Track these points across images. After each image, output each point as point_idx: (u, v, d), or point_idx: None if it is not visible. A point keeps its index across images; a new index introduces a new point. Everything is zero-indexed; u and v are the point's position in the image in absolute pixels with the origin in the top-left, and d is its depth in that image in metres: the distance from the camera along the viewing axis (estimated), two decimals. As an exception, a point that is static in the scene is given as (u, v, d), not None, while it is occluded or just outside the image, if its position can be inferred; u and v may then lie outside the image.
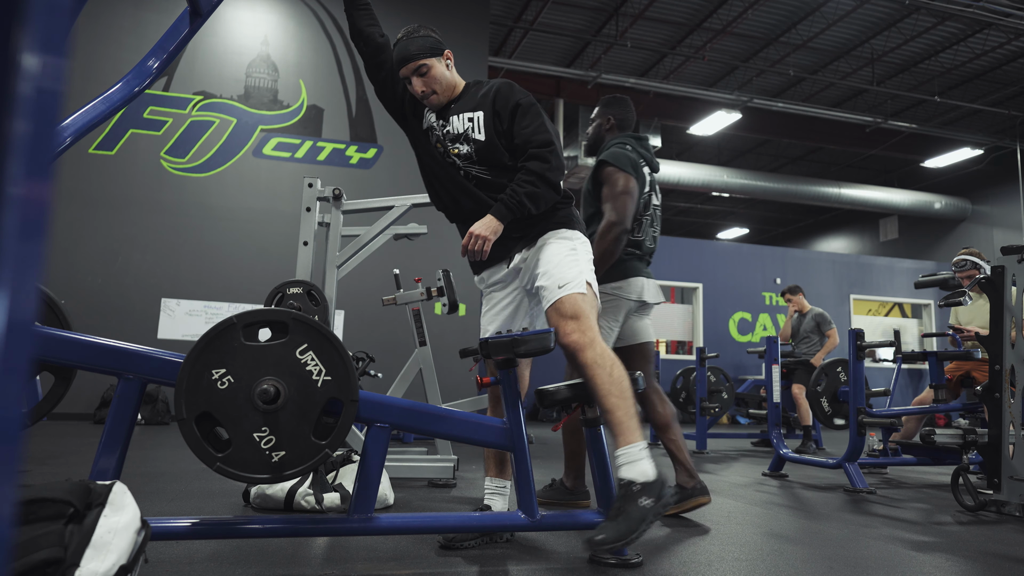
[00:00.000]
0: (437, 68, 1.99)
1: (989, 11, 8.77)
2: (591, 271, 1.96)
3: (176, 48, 1.64)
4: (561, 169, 1.95)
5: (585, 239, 2.03)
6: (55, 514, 1.06)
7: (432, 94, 2.00)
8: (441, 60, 2.01)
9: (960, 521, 2.68)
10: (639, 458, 1.68)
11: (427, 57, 1.97)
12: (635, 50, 10.30)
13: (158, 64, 1.62)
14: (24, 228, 0.34)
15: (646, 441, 1.74)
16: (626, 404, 1.71)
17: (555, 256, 1.92)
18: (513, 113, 1.97)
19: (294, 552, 1.88)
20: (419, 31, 2.01)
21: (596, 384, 1.72)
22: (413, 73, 1.99)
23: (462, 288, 6.63)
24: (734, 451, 5.50)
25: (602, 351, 1.77)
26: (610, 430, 1.74)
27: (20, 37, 0.33)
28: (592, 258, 2.03)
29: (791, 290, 6.21)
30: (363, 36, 2.12)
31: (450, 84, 2.04)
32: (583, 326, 1.80)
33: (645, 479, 1.66)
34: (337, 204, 3.48)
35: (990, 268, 2.98)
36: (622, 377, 1.74)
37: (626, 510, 1.62)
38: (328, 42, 7.89)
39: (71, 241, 6.74)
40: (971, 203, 13.70)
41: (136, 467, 3.37)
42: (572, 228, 2.00)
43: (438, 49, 2.00)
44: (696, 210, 17.47)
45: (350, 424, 1.54)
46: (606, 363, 1.74)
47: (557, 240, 1.96)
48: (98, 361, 1.53)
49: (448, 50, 2.04)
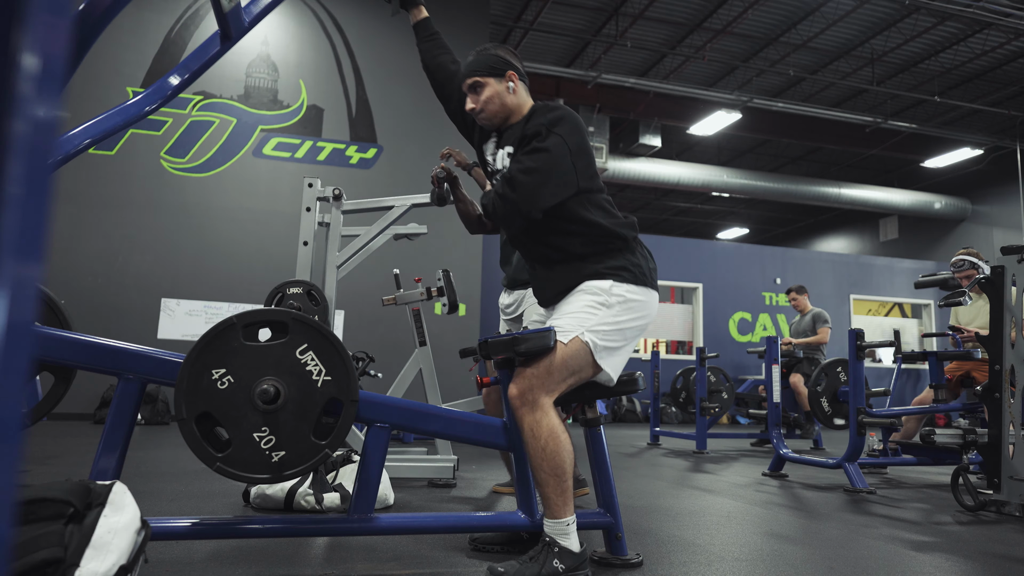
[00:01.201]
0: (492, 88, 1.86)
1: (989, 11, 8.77)
2: (602, 325, 1.74)
3: (201, 68, 1.62)
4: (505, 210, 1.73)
5: (625, 286, 1.79)
6: (55, 514, 1.06)
7: (481, 112, 1.89)
8: (501, 81, 1.87)
9: (960, 521, 2.68)
10: (566, 532, 1.66)
11: (483, 75, 1.87)
12: (635, 50, 10.30)
13: (179, 82, 1.60)
14: (24, 229, 0.34)
15: (573, 518, 1.68)
16: (555, 480, 1.65)
17: (572, 305, 1.78)
18: (529, 141, 1.78)
19: (294, 552, 1.88)
20: (488, 49, 1.92)
21: (528, 454, 1.68)
22: (468, 89, 1.90)
23: (462, 288, 6.63)
24: (734, 451, 5.50)
25: (537, 421, 1.66)
26: (540, 497, 1.71)
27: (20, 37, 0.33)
28: (631, 309, 1.79)
29: (797, 289, 6.18)
30: (433, 67, 2.08)
31: (505, 106, 1.88)
32: (532, 384, 1.67)
33: (567, 547, 1.66)
34: (337, 204, 3.48)
35: (989, 268, 2.98)
36: (556, 452, 1.65)
37: (538, 560, 1.63)
38: (328, 42, 7.89)
39: (71, 241, 6.74)
40: (971, 203, 13.70)
41: (136, 467, 3.37)
42: (606, 279, 1.78)
43: (499, 69, 1.87)
44: (696, 210, 17.46)
45: (350, 424, 1.54)
46: (540, 435, 1.65)
47: (584, 292, 1.79)
48: (98, 361, 1.53)
49: (513, 72, 1.89)
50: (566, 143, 1.75)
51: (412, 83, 8.05)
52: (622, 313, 1.77)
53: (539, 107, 1.85)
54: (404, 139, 8.01)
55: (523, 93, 1.92)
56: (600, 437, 1.88)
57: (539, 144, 1.74)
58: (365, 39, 7.95)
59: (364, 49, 7.94)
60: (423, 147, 8.02)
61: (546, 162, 1.72)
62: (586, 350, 1.72)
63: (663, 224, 18.68)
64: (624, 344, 1.80)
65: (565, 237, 1.82)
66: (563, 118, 1.78)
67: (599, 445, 1.87)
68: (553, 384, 1.69)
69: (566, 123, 1.77)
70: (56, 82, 0.36)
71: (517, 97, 1.90)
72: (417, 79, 7.99)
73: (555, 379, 1.69)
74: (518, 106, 1.90)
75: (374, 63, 7.97)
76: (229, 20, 1.53)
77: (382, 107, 7.96)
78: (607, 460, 1.87)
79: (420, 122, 8.09)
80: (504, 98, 1.87)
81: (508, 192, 1.72)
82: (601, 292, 1.76)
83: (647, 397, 8.94)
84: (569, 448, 1.68)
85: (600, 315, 1.75)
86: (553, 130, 1.75)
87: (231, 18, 1.53)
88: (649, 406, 8.11)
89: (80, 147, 1.49)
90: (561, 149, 1.74)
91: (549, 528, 1.68)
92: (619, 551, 1.84)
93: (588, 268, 1.80)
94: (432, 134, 8.12)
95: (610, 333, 1.75)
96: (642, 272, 1.82)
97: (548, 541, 1.66)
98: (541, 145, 1.73)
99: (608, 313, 1.76)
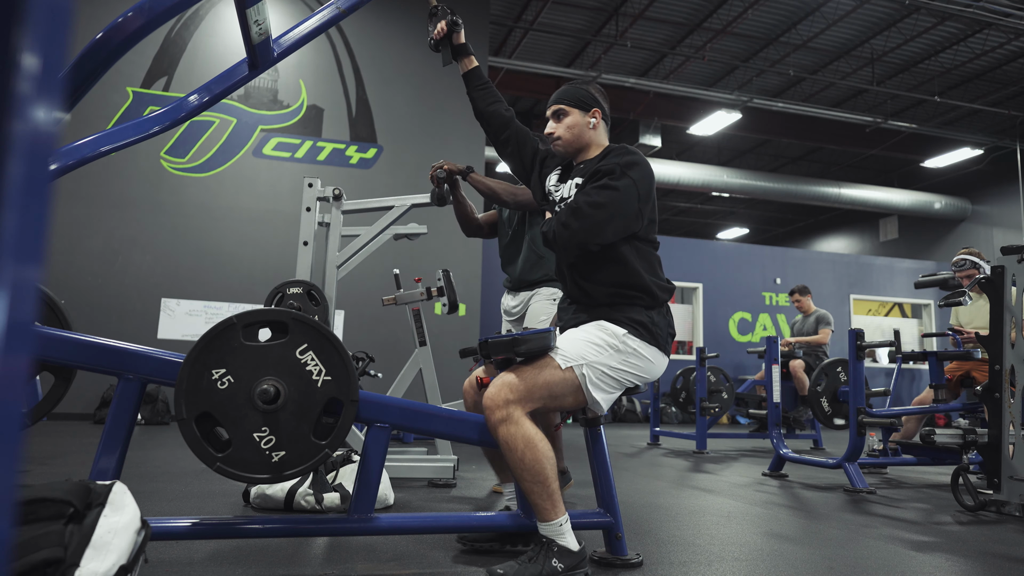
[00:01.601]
0: (574, 118, 1.91)
1: (989, 11, 8.77)
2: (603, 365, 1.73)
3: (223, 92, 1.61)
4: (566, 238, 1.72)
5: (638, 341, 1.77)
6: (55, 514, 1.06)
7: (557, 139, 1.93)
8: (585, 115, 1.92)
9: (960, 521, 2.68)
10: (561, 533, 1.66)
11: (570, 104, 1.92)
12: (635, 50, 10.30)
13: (198, 104, 1.60)
14: (24, 229, 0.34)
15: (565, 517, 1.67)
16: (539, 487, 1.64)
17: (582, 332, 1.77)
18: (601, 177, 1.78)
19: (294, 552, 1.89)
20: (581, 83, 1.98)
21: (508, 465, 1.67)
22: (552, 115, 1.94)
23: (462, 288, 6.64)
24: (734, 451, 5.50)
25: (511, 434, 1.63)
26: (531, 506, 1.70)
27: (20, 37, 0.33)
28: (637, 362, 1.78)
29: (800, 290, 6.17)
30: (487, 115, 2.10)
31: (582, 139, 1.92)
32: (507, 397, 1.64)
33: (565, 545, 1.65)
34: (337, 204, 3.48)
35: (990, 268, 2.98)
36: (535, 460, 1.63)
37: (537, 560, 1.63)
38: (328, 42, 7.88)
39: (71, 241, 6.74)
40: (971, 203, 13.70)
41: (136, 467, 3.37)
42: (621, 327, 1.77)
43: (585, 104, 1.92)
44: (696, 210, 17.47)
45: (350, 424, 1.54)
46: (516, 447, 1.63)
47: (599, 329, 1.78)
48: (98, 361, 1.53)
49: (598, 110, 1.93)
50: (636, 187, 1.77)
51: (412, 83, 8.05)
52: (627, 362, 1.76)
53: (616, 148, 1.87)
54: (404, 139, 8.01)
55: (603, 132, 1.96)
56: (600, 437, 1.88)
57: (611, 182, 1.75)
58: (365, 39, 7.95)
59: (364, 49, 7.94)
60: (423, 147, 8.02)
61: (614, 200, 1.74)
62: (575, 383, 1.71)
63: (663, 224, 18.69)
64: (616, 390, 1.79)
65: (601, 275, 1.82)
66: (638, 163, 1.80)
67: (599, 445, 1.87)
68: (529, 401, 1.67)
69: (640, 168, 1.80)
70: (56, 82, 0.36)
71: (596, 134, 1.94)
72: (417, 79, 8.05)
73: (533, 397, 1.68)
74: (595, 142, 1.94)
75: (374, 63, 7.97)
76: (258, 51, 1.53)
77: (382, 107, 7.97)
78: (607, 460, 1.87)
79: (420, 122, 8.09)
80: (584, 131, 1.92)
81: (571, 221, 1.73)
82: (615, 336, 1.76)
83: (647, 397, 8.94)
84: (549, 453, 1.66)
85: (606, 355, 1.74)
86: (627, 172, 1.76)
87: (260, 49, 1.53)
88: (649, 406, 8.11)
89: (92, 155, 1.49)
90: (631, 191, 1.75)
91: (544, 530, 1.67)
92: (619, 551, 1.84)
93: (608, 313, 1.80)
94: (432, 134, 8.12)
95: (607, 376, 1.74)
96: (660, 333, 1.83)
97: (546, 541, 1.66)
98: (613, 183, 1.75)
99: (615, 357, 1.75)
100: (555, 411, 1.92)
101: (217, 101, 1.63)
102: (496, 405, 1.65)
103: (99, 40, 1.32)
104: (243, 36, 1.48)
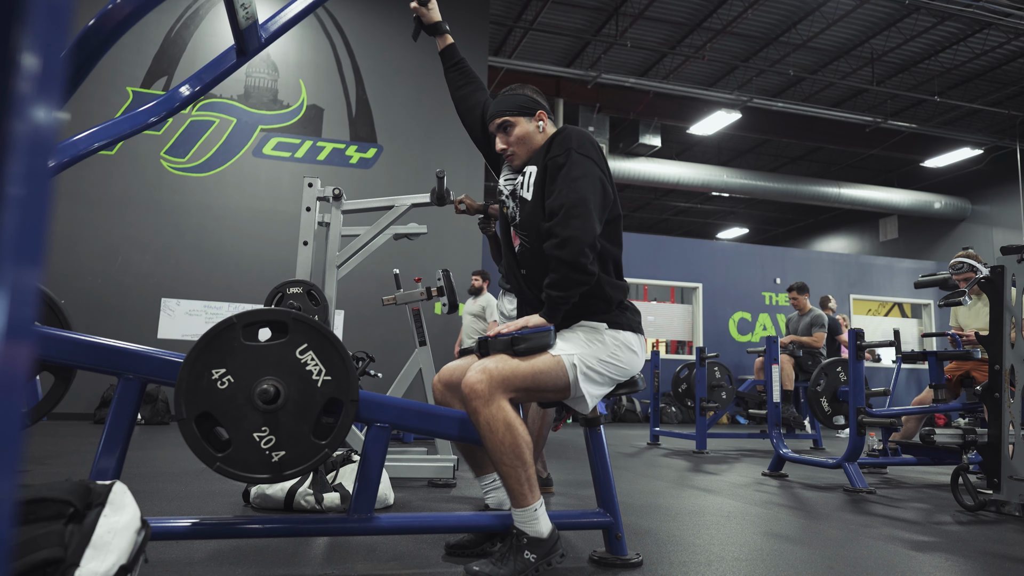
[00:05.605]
0: (522, 127, 1.87)
1: (989, 11, 8.77)
2: (592, 357, 1.73)
3: (213, 81, 1.60)
4: (576, 240, 1.66)
5: (622, 332, 1.79)
6: (55, 514, 1.06)
7: (511, 153, 1.89)
8: (531, 121, 1.88)
9: (960, 521, 2.68)
10: (532, 519, 1.66)
11: (513, 115, 1.87)
12: (635, 50, 10.30)
13: (190, 94, 1.60)
14: (24, 229, 0.34)
15: (539, 501, 1.67)
16: (516, 471, 1.63)
17: (572, 335, 1.77)
18: (558, 168, 1.76)
19: (294, 552, 1.89)
20: (517, 89, 1.93)
21: (487, 447, 1.66)
22: (497, 129, 1.90)
23: (462, 288, 6.63)
24: (734, 451, 5.50)
25: (493, 416, 1.62)
26: (506, 490, 1.70)
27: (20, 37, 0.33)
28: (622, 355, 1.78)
29: (798, 288, 6.14)
30: (456, 99, 2.11)
31: (533, 145, 1.89)
32: (491, 384, 1.62)
33: (535, 535, 1.65)
34: (337, 204, 3.48)
35: (989, 269, 2.98)
36: (514, 443, 1.62)
37: (509, 558, 1.63)
38: (328, 42, 7.89)
39: (71, 241, 6.74)
40: (971, 203, 13.70)
41: (136, 467, 3.37)
42: (600, 320, 1.79)
43: (528, 108, 1.88)
44: (696, 210, 17.47)
45: (350, 424, 1.54)
46: (497, 429, 1.62)
47: (581, 328, 1.79)
48: (98, 361, 1.53)
49: (542, 111, 1.90)
50: (597, 165, 1.77)
51: (412, 83, 8.05)
52: (614, 356, 1.76)
53: (557, 137, 1.83)
54: (404, 139, 8.01)
55: (550, 128, 1.93)
56: (600, 437, 1.88)
57: (571, 171, 1.73)
58: (365, 39, 7.95)
59: (364, 49, 7.94)
60: (423, 147, 8.02)
61: (588, 183, 1.73)
62: (563, 374, 1.70)
63: (663, 224, 18.69)
64: (603, 387, 1.78)
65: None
66: (573, 133, 1.80)
67: (599, 445, 1.87)
68: (511, 388, 1.66)
69: (579, 139, 1.79)
70: (56, 82, 0.36)
71: (545, 134, 1.91)
72: (417, 79, 8.05)
73: (515, 384, 1.66)
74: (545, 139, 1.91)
75: (374, 63, 7.97)
76: (245, 36, 1.52)
77: (382, 107, 7.96)
78: (607, 460, 1.87)
79: (420, 122, 8.09)
80: (534, 136, 1.89)
81: (560, 229, 1.68)
82: (598, 330, 1.77)
83: (647, 397, 8.94)
84: (527, 438, 1.66)
85: (594, 348, 1.75)
86: (577, 152, 1.75)
87: (247, 35, 1.52)
88: (649, 406, 8.11)
89: (88, 151, 1.49)
90: (591, 168, 1.75)
91: (517, 518, 1.67)
92: (619, 551, 1.84)
93: (580, 314, 1.79)
94: (432, 134, 8.12)
95: (595, 370, 1.73)
96: (635, 319, 1.84)
97: (516, 534, 1.67)
98: (576, 174, 1.72)
99: (602, 349, 1.75)
100: (535, 402, 1.91)
101: (208, 90, 1.63)
102: (475, 387, 1.63)
103: (89, 28, 1.31)
104: (230, 22, 1.47)
